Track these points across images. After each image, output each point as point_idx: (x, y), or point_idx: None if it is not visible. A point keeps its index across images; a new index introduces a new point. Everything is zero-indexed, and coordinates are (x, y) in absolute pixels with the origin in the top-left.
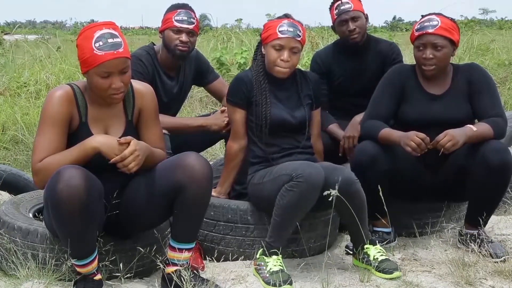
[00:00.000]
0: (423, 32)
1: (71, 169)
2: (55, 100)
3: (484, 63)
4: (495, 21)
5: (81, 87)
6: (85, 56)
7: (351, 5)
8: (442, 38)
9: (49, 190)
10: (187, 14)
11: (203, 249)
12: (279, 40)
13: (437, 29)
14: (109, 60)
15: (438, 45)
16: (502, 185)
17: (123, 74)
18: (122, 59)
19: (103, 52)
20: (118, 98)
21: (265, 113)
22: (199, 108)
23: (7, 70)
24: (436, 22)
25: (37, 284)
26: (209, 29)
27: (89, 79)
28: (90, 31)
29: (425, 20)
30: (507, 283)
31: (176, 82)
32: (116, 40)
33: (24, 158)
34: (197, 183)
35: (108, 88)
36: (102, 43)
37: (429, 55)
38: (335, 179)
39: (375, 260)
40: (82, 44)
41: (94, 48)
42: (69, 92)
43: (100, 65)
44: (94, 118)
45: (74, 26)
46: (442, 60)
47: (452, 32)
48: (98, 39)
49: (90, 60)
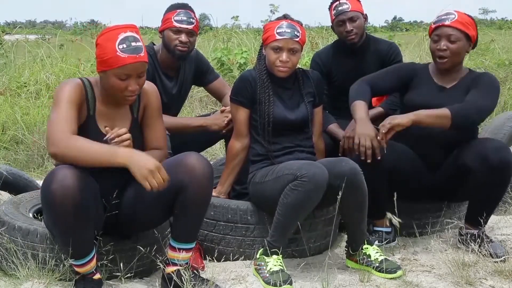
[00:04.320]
0: (439, 24)
1: (64, 169)
2: (68, 86)
3: (484, 63)
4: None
5: (92, 82)
6: (106, 56)
7: (349, 6)
8: (457, 31)
9: (44, 191)
10: (187, 14)
11: (203, 249)
12: (277, 42)
13: (453, 22)
14: (131, 63)
15: (453, 37)
16: (503, 184)
17: (139, 78)
18: (142, 63)
19: (126, 54)
20: (131, 100)
21: (268, 111)
22: (199, 108)
23: (7, 70)
24: (454, 16)
25: (37, 284)
26: (209, 29)
27: (105, 79)
28: (114, 33)
29: (443, 14)
30: (507, 283)
31: (176, 82)
32: (138, 44)
33: (24, 158)
34: (197, 183)
35: (124, 90)
36: (125, 45)
37: (443, 46)
38: (341, 168)
39: (375, 261)
40: (105, 44)
41: (118, 50)
42: (80, 84)
43: (122, 67)
44: (102, 114)
45: (74, 26)
46: (456, 53)
47: (468, 27)
48: (122, 41)
49: (112, 61)
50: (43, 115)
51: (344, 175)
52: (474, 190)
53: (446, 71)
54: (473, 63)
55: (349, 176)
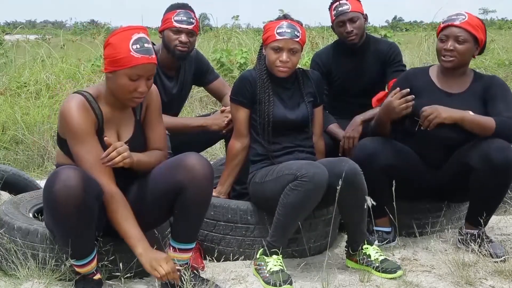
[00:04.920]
0: (448, 24)
1: (68, 169)
2: (78, 113)
3: (484, 63)
4: (495, 21)
5: (93, 94)
6: (119, 55)
7: (349, 6)
8: (466, 32)
9: (47, 191)
10: (187, 14)
11: (203, 249)
12: (277, 42)
13: (463, 23)
14: (144, 63)
15: (460, 38)
16: (505, 184)
17: (148, 80)
18: (153, 65)
19: (139, 55)
20: (138, 102)
21: (268, 111)
22: (199, 108)
23: (7, 70)
24: (464, 17)
25: (37, 284)
26: (209, 29)
27: (113, 79)
28: (128, 33)
29: (453, 14)
30: (507, 283)
31: (176, 82)
32: (149, 46)
33: (24, 158)
34: (197, 183)
35: (133, 91)
36: (139, 46)
37: (449, 47)
38: (341, 168)
39: (375, 261)
40: (118, 44)
41: (131, 50)
42: (85, 103)
43: (134, 67)
44: (108, 120)
45: (74, 26)
46: (462, 54)
47: (477, 30)
48: (135, 41)
49: (125, 61)
50: (43, 115)
51: (344, 175)
52: (476, 189)
53: (450, 73)
54: (473, 63)
55: (349, 176)
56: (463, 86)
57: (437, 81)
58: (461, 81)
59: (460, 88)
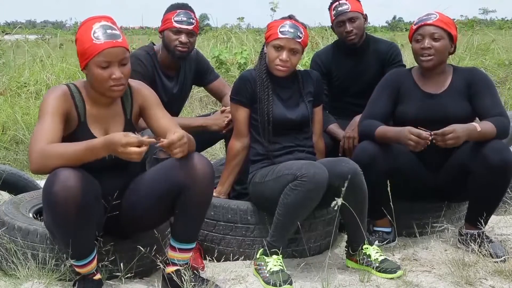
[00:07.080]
0: (421, 24)
1: (67, 170)
2: (52, 96)
3: (484, 63)
4: (495, 21)
5: (78, 86)
6: (84, 46)
7: (349, 6)
8: (440, 29)
9: (46, 192)
10: (187, 14)
11: (203, 249)
12: (279, 40)
13: (436, 21)
14: (108, 48)
15: (436, 35)
16: (503, 185)
17: (123, 66)
18: (121, 49)
19: (102, 41)
20: (118, 91)
21: (267, 110)
22: (199, 108)
23: (7, 70)
24: (435, 16)
25: (37, 284)
26: (209, 29)
27: (89, 73)
28: (89, 23)
29: (424, 15)
30: (507, 283)
31: (176, 82)
32: (114, 31)
33: (24, 158)
34: (198, 183)
35: (108, 79)
36: (101, 33)
37: (427, 45)
38: (341, 168)
39: (375, 261)
40: (81, 37)
41: (93, 38)
42: (66, 91)
43: (100, 54)
44: (94, 118)
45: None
46: (440, 51)
47: (450, 26)
48: (97, 30)
49: (90, 50)
50: None
51: (344, 175)
52: (475, 190)
53: (430, 72)
54: (473, 63)
55: (349, 177)
56: (445, 84)
57: (420, 83)
58: (442, 79)
59: (442, 87)
